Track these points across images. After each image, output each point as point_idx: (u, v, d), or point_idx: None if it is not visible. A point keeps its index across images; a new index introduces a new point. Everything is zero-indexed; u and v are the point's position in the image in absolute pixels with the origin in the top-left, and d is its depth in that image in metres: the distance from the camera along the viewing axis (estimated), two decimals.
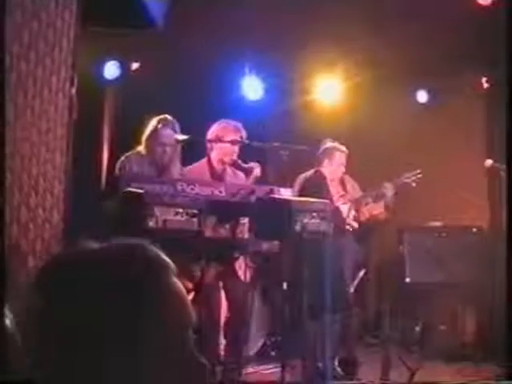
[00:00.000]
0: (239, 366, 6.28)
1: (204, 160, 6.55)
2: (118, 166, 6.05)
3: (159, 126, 6.05)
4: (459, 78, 8.67)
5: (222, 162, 6.47)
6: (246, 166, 6.42)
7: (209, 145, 6.52)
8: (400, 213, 7.88)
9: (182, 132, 6.08)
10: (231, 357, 6.16)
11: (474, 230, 8.36)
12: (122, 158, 6.08)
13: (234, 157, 6.42)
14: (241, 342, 6.45)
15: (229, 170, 6.51)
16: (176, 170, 6.12)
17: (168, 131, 6.03)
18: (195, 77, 7.79)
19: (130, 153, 6.12)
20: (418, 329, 8.33)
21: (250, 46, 7.77)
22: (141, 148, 6.11)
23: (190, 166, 6.48)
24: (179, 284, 1.37)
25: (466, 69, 8.52)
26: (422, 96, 9.19)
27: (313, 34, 7.40)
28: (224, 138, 6.38)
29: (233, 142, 6.35)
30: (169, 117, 6.11)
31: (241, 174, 6.49)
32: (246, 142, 6.42)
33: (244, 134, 6.48)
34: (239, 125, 6.50)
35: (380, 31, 7.32)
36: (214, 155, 6.50)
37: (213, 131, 6.49)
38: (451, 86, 8.79)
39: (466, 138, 8.69)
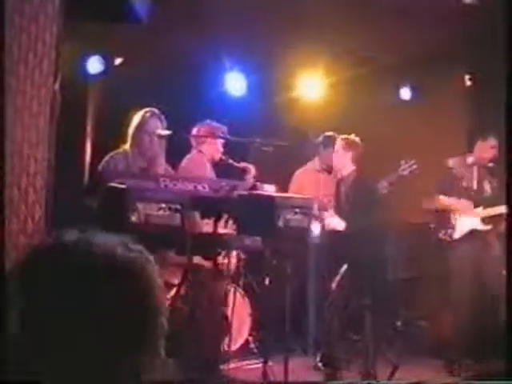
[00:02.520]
0: (221, 361, 6.31)
1: (199, 155, 6.61)
2: (101, 165, 6.03)
3: (147, 116, 6.05)
4: (442, 75, 8.71)
5: (213, 160, 6.55)
6: (239, 165, 6.46)
7: (194, 143, 6.58)
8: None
9: (166, 128, 6.09)
10: (213, 352, 6.17)
11: None
12: (106, 157, 6.04)
13: (221, 157, 6.50)
14: (223, 337, 6.46)
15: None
16: (162, 163, 6.12)
17: (156, 122, 6.04)
18: (179, 73, 7.79)
19: (114, 152, 6.08)
20: (399, 324, 8.38)
21: (233, 43, 7.77)
22: (126, 146, 6.09)
23: (186, 162, 6.51)
24: (158, 281, 1.37)
25: (449, 66, 8.56)
26: (406, 93, 9.23)
27: (296, 31, 7.42)
28: (206, 140, 6.47)
29: (215, 138, 6.40)
30: (155, 109, 6.12)
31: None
32: (229, 137, 6.45)
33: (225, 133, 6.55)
34: (222, 127, 6.57)
35: (364, 29, 7.35)
36: (207, 152, 6.59)
37: (195, 132, 6.56)
38: (434, 84, 8.83)
39: (449, 134, 8.73)
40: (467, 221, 7.33)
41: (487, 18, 7.32)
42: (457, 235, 7.35)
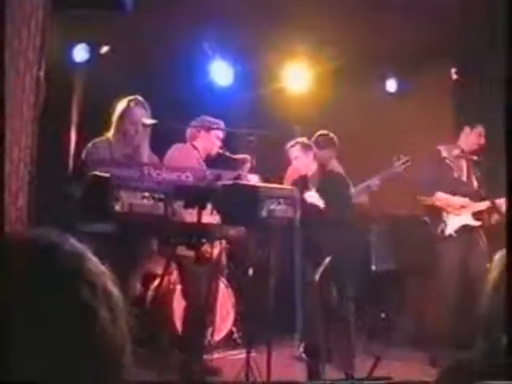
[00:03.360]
0: (204, 351, 6.32)
1: (187, 147, 6.59)
2: (84, 153, 6.01)
3: (131, 105, 6.03)
4: (429, 68, 8.73)
5: (209, 155, 6.54)
6: (236, 157, 6.46)
7: (188, 137, 6.58)
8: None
9: (151, 116, 6.08)
10: (196, 343, 6.16)
11: None
12: (89, 145, 6.02)
13: (217, 149, 6.49)
14: (206, 327, 6.47)
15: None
16: (146, 151, 6.11)
17: (140, 110, 6.02)
18: (165, 61, 7.77)
19: (96, 140, 6.06)
20: (383, 315, 8.41)
21: (219, 32, 7.76)
22: (109, 134, 6.07)
23: (175, 153, 6.50)
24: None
25: (436, 59, 8.57)
26: (391, 85, 9.24)
27: (281, 22, 7.41)
28: (203, 135, 6.46)
29: (207, 130, 6.41)
30: (139, 97, 6.10)
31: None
32: (219, 128, 6.44)
33: (221, 134, 6.54)
34: (219, 122, 6.56)
35: (350, 20, 7.34)
36: (200, 147, 6.57)
37: (190, 129, 6.56)
38: (421, 76, 8.85)
39: (434, 127, 8.75)
40: (459, 216, 7.34)
41: (474, 12, 7.34)
42: (449, 231, 7.36)
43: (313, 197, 6.95)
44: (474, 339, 2.38)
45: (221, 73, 8.59)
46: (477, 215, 7.33)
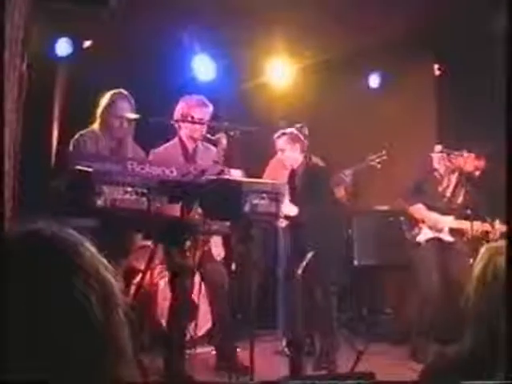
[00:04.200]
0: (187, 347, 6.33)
1: (175, 139, 6.55)
2: (71, 144, 6.00)
3: (116, 98, 6.04)
4: (411, 64, 8.76)
5: (193, 139, 6.49)
6: (213, 137, 6.43)
7: (176, 124, 6.53)
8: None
9: (134, 110, 6.08)
10: (178, 338, 6.16)
11: None
12: (76, 136, 6.03)
13: (203, 132, 6.44)
14: (187, 323, 6.47)
15: (200, 145, 6.53)
16: (130, 143, 6.11)
17: (125, 104, 6.03)
18: (147, 56, 7.75)
19: (84, 131, 6.07)
20: (365, 311, 8.44)
21: (202, 26, 7.75)
22: (95, 125, 6.08)
23: (161, 147, 6.47)
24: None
25: (418, 55, 8.60)
26: (375, 81, 9.27)
27: (264, 16, 7.42)
28: (190, 114, 6.39)
29: (187, 118, 6.37)
30: (124, 91, 6.10)
31: (212, 148, 6.50)
32: (201, 122, 6.43)
33: (211, 106, 6.50)
34: (203, 98, 6.51)
35: (332, 15, 7.35)
36: (184, 133, 6.51)
37: (178, 109, 6.49)
38: (404, 72, 8.88)
39: (417, 123, 8.79)
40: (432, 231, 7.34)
41: (457, 7, 7.37)
42: (421, 238, 7.35)
43: (285, 208, 6.93)
44: (458, 333, 2.39)
45: (203, 68, 8.57)
46: (454, 233, 7.29)
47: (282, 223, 7.34)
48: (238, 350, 6.45)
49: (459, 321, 2.40)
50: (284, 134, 7.08)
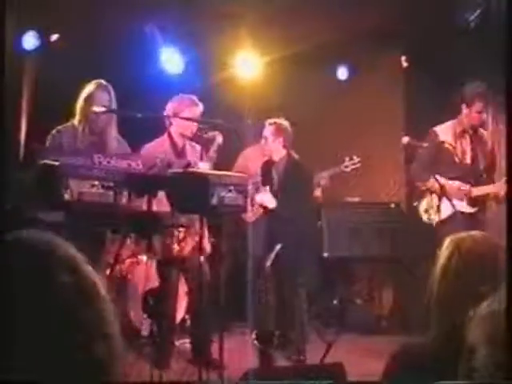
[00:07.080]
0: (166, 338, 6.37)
1: (165, 136, 6.56)
2: (48, 139, 5.95)
3: (94, 89, 5.99)
4: (379, 56, 8.79)
5: (183, 136, 6.52)
6: (206, 136, 6.44)
7: (167, 121, 6.55)
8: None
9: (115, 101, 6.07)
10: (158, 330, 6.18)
11: (392, 205, 8.51)
12: (53, 131, 5.98)
13: (194, 130, 6.46)
14: (166, 315, 6.49)
15: (187, 144, 6.54)
16: (112, 134, 6.07)
17: (104, 95, 5.99)
18: (115, 49, 7.71)
19: (61, 126, 6.03)
20: (335, 302, 8.48)
21: (170, 19, 7.73)
22: (75, 120, 6.03)
23: (152, 143, 6.48)
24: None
25: (386, 47, 8.63)
26: (343, 73, 9.29)
27: (231, 8, 7.42)
28: (181, 113, 6.41)
29: (175, 117, 6.41)
30: (103, 81, 6.06)
31: (197, 147, 6.55)
32: (171, 116, 6.43)
33: (201, 106, 6.51)
34: (195, 98, 6.53)
35: (300, 6, 7.35)
36: (174, 130, 6.54)
37: (169, 108, 6.52)
38: (371, 64, 8.90)
39: (385, 115, 8.83)
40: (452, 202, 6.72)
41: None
42: (439, 217, 6.77)
43: (264, 198, 6.92)
44: (425, 325, 2.41)
45: (172, 61, 8.54)
46: (474, 202, 6.94)
47: (252, 218, 7.38)
48: (212, 342, 6.46)
49: (427, 312, 2.42)
50: (274, 123, 7.03)
